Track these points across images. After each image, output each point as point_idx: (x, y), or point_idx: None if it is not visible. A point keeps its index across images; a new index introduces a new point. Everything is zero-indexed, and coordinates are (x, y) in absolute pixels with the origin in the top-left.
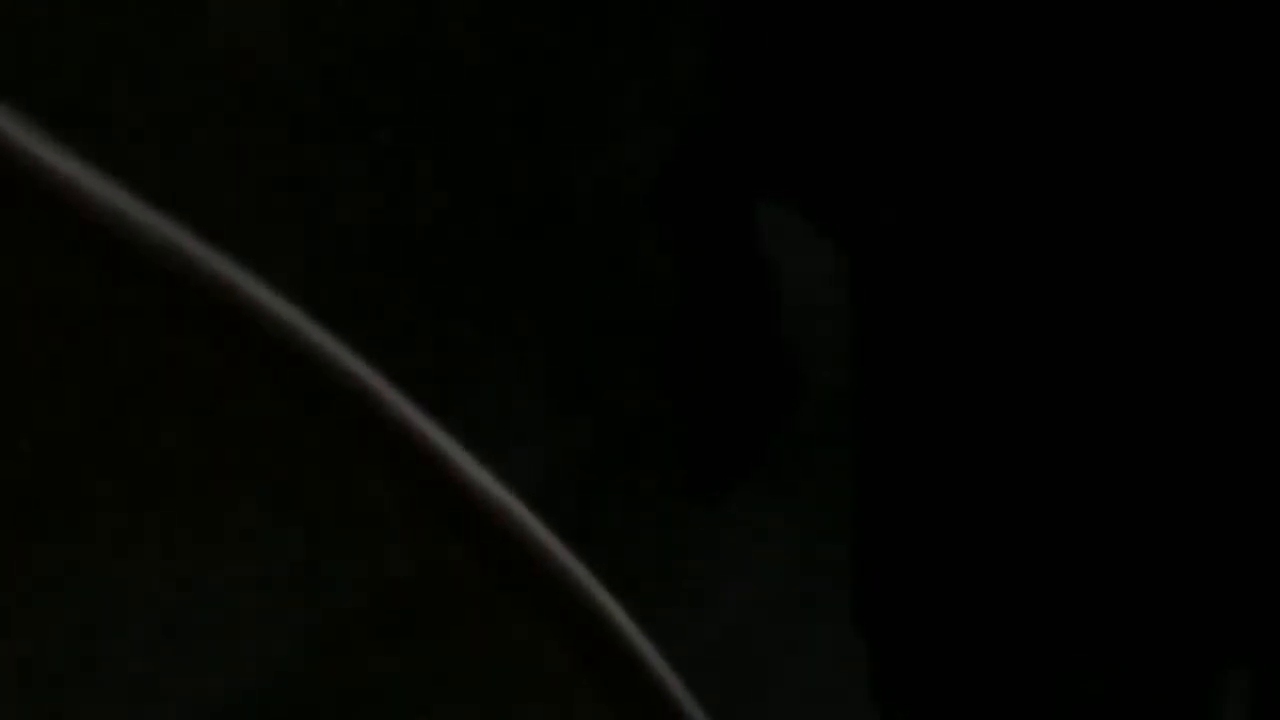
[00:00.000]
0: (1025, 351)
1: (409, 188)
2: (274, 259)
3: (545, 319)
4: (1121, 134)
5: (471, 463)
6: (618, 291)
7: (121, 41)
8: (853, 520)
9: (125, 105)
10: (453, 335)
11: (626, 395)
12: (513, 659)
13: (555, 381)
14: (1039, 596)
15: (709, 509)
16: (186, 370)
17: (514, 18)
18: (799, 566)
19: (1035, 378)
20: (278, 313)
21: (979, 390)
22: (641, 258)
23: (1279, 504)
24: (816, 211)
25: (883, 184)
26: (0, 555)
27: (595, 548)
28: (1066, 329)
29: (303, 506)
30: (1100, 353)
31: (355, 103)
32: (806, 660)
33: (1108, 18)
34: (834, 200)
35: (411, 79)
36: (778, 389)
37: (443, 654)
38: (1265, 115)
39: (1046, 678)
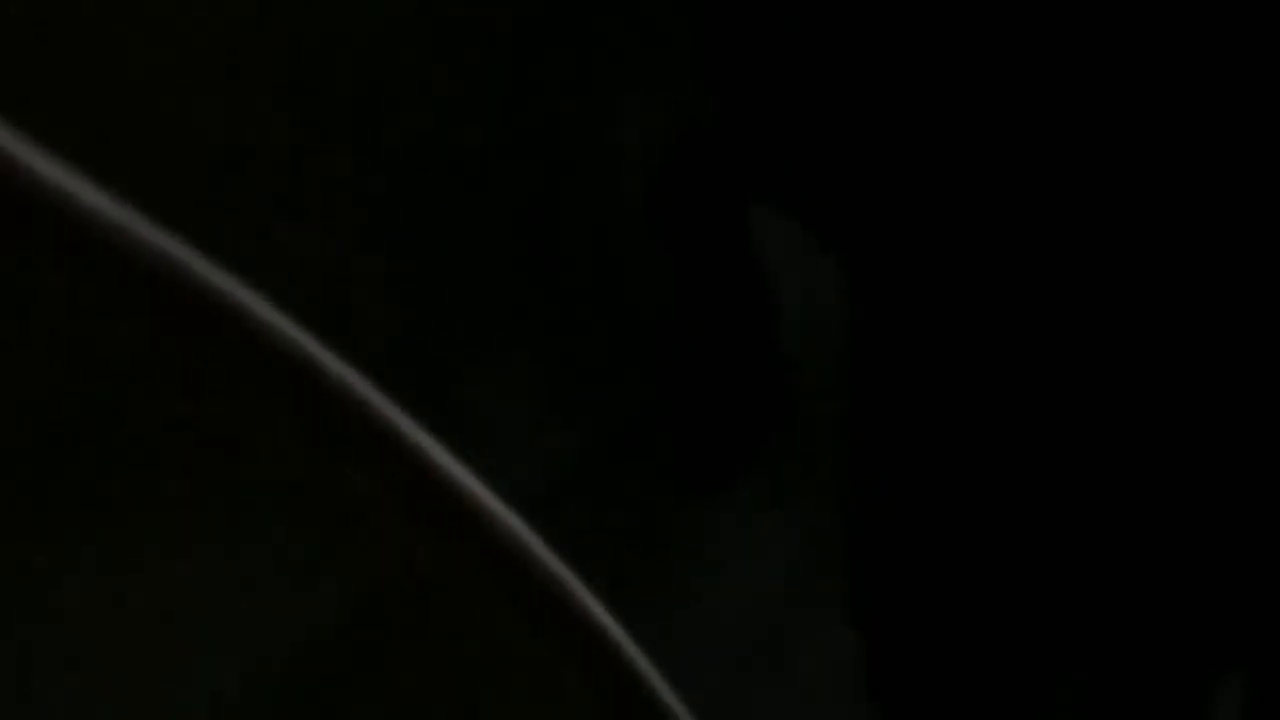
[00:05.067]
0: (1023, 352)
1: (402, 190)
2: (263, 263)
3: (541, 322)
4: (1129, 142)
5: (459, 466)
6: (613, 294)
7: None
8: (849, 521)
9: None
10: (447, 338)
11: (623, 398)
12: (499, 663)
13: (551, 384)
14: (1034, 597)
15: (704, 510)
16: (176, 376)
17: (511, 20)
18: (796, 568)
19: (1033, 380)
20: (265, 318)
21: (976, 392)
22: (637, 260)
23: (1275, 508)
24: (811, 217)
25: (879, 190)
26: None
27: (591, 551)
28: (1065, 334)
29: (291, 510)
30: (1100, 358)
31: (348, 104)
32: (803, 661)
33: (1111, 23)
34: (829, 205)
35: (405, 81)
36: (771, 391)
37: (429, 656)
38: (1262, 119)
39: (1042, 677)
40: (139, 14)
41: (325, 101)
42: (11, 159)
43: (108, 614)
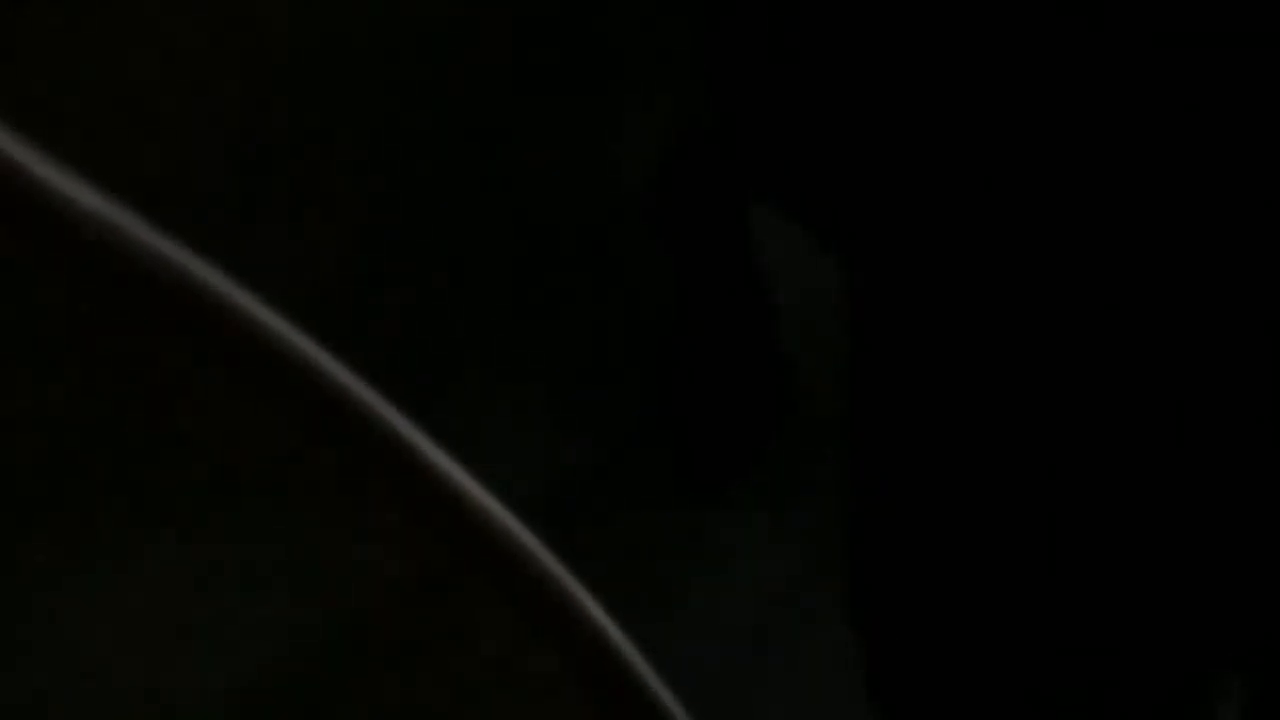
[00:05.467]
0: (1024, 352)
1: (402, 190)
2: (262, 264)
3: (541, 324)
4: (1129, 142)
5: (458, 468)
6: (613, 295)
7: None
8: (849, 521)
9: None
10: (447, 340)
11: (623, 399)
12: (499, 664)
13: (551, 386)
14: (1035, 596)
15: (704, 510)
16: (177, 378)
17: (511, 20)
18: (796, 568)
19: (1034, 380)
20: (264, 319)
21: (977, 392)
22: (637, 261)
23: (1275, 508)
24: (811, 217)
25: (880, 191)
26: None
27: (590, 551)
28: (1065, 335)
29: (290, 512)
30: (1101, 359)
31: (347, 105)
32: (803, 661)
33: (1111, 23)
34: (829, 206)
35: (405, 85)
36: (771, 391)
37: (428, 658)
38: (1263, 119)
39: (1042, 677)
40: (139, 15)
41: (325, 102)
42: (11, 160)
43: (107, 614)
